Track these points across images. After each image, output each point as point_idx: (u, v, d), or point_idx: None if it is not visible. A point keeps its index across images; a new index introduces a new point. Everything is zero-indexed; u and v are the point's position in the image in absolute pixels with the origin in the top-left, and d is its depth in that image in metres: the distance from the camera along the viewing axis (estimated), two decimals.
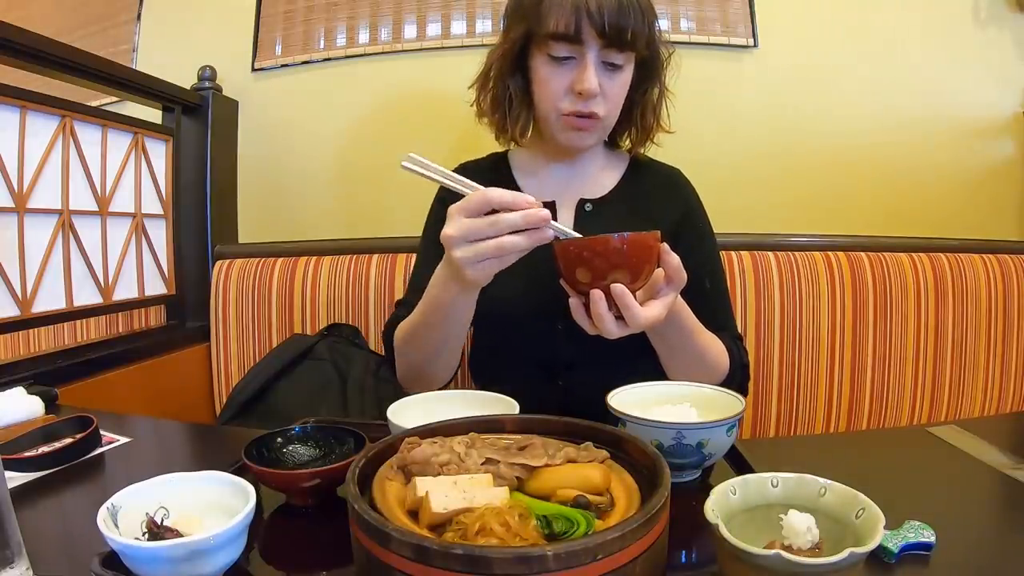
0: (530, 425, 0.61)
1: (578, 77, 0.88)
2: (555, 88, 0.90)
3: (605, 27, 0.84)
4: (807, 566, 0.41)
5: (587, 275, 0.68)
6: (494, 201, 0.67)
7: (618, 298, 0.67)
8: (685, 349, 0.85)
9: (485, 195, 0.68)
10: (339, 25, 1.65)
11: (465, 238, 0.68)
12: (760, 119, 1.55)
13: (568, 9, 0.84)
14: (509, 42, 0.94)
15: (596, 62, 0.88)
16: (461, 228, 0.68)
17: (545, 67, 0.90)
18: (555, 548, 0.38)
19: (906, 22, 1.51)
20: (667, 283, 0.72)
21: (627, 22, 0.85)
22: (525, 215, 0.66)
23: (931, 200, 1.54)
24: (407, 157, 0.71)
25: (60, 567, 0.53)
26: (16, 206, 1.13)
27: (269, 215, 1.72)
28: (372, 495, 0.49)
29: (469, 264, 0.69)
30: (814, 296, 1.36)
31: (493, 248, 0.67)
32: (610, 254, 0.67)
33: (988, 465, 0.71)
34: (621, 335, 0.70)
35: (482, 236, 0.67)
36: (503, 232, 0.67)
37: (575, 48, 0.87)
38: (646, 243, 0.68)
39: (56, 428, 0.81)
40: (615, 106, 0.93)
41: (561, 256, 0.70)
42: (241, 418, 1.21)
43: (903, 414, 1.38)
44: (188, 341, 1.52)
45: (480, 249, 0.68)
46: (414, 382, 0.96)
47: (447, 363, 0.93)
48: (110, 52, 1.71)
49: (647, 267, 0.69)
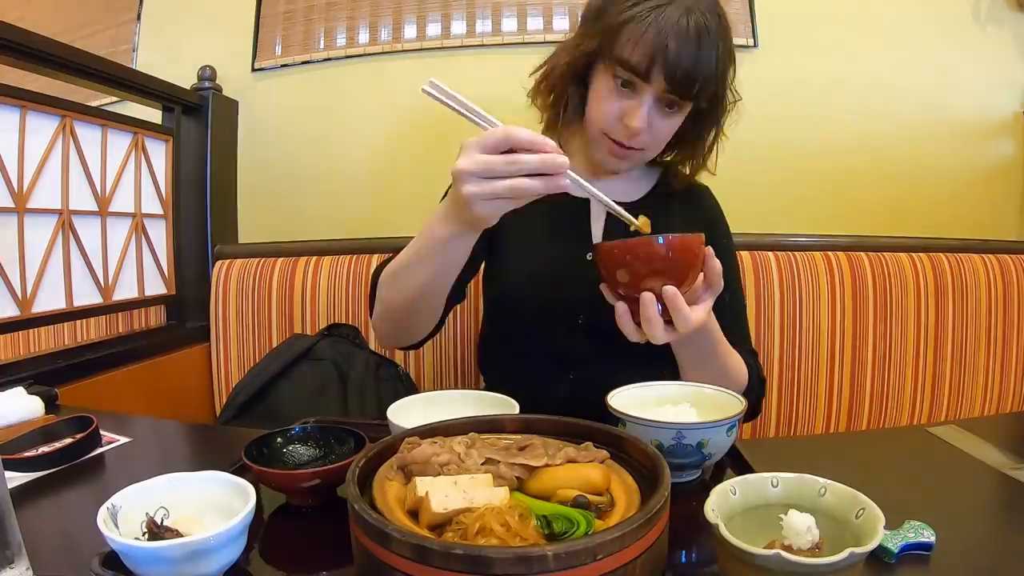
0: (530, 425, 0.61)
1: (630, 111, 0.86)
2: (608, 110, 0.88)
3: (676, 74, 0.82)
4: (807, 566, 0.41)
5: (633, 280, 0.67)
6: (515, 139, 0.63)
7: (670, 301, 0.66)
8: (709, 359, 0.84)
9: (507, 131, 0.63)
10: (339, 25, 1.65)
11: (478, 174, 0.63)
12: (760, 119, 1.54)
13: (648, 45, 0.81)
14: (580, 53, 0.91)
15: (653, 101, 0.86)
16: (476, 163, 0.63)
17: (605, 86, 0.88)
18: (555, 548, 0.38)
19: (906, 22, 1.51)
20: (706, 288, 0.71)
21: (699, 73, 0.82)
22: (543, 159, 0.62)
23: (931, 200, 1.54)
24: (429, 82, 0.66)
25: (60, 567, 0.53)
26: (16, 206, 1.13)
27: (269, 215, 1.72)
28: (372, 495, 0.49)
29: (478, 201, 0.64)
30: (814, 296, 1.36)
31: (507, 189, 0.63)
32: (655, 258, 0.66)
33: (988, 465, 0.71)
34: (668, 340, 0.69)
35: (496, 175, 0.63)
36: (519, 173, 0.63)
37: (639, 83, 0.85)
38: (691, 246, 0.67)
39: (56, 428, 0.81)
40: (658, 144, 0.92)
41: (603, 257, 0.69)
42: (241, 418, 1.21)
43: (903, 414, 1.38)
44: (188, 341, 1.52)
45: (493, 188, 0.63)
46: (390, 330, 0.92)
47: (426, 315, 0.88)
48: (110, 52, 1.71)
49: (692, 272, 0.68)
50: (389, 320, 0.89)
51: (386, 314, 0.89)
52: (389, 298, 0.87)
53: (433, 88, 0.66)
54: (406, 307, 0.85)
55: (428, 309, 0.87)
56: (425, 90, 0.66)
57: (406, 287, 0.82)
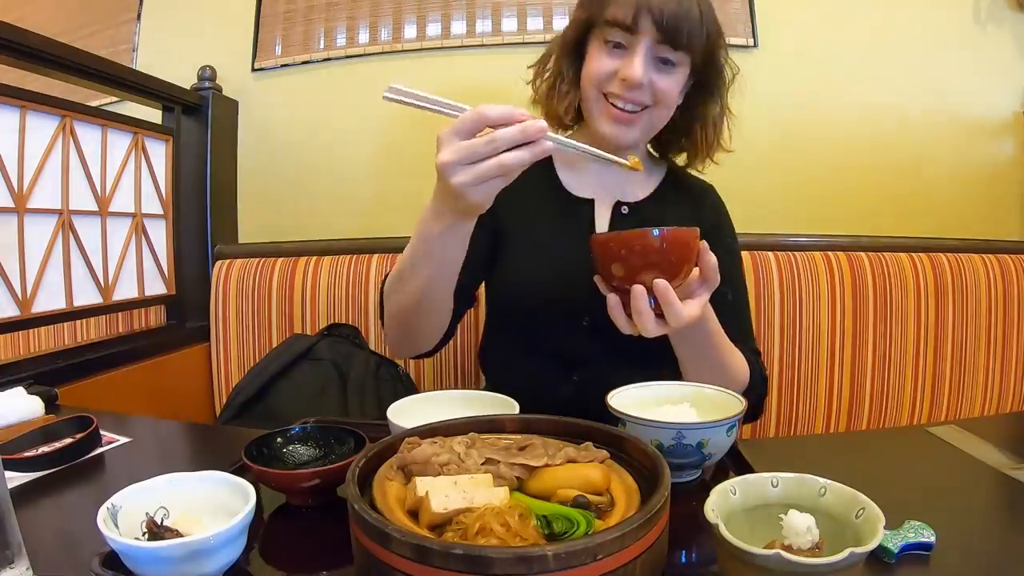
0: (530, 425, 0.61)
1: (625, 64, 0.88)
2: (603, 68, 0.90)
3: (663, 21, 0.85)
4: (807, 566, 0.41)
5: (626, 272, 0.67)
6: (488, 117, 0.62)
7: (661, 294, 0.66)
8: (709, 354, 0.84)
9: (479, 112, 0.63)
10: (339, 25, 1.65)
11: (462, 161, 0.63)
12: (760, 119, 1.55)
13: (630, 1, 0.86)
14: (570, 27, 0.96)
15: (647, 55, 0.88)
16: (458, 151, 0.62)
17: (598, 51, 0.92)
18: (555, 548, 0.38)
19: (906, 22, 1.51)
20: (702, 283, 0.71)
21: (684, 23, 0.86)
22: (523, 128, 0.62)
23: (931, 200, 1.54)
24: (388, 88, 0.65)
25: (60, 567, 0.53)
26: (16, 206, 1.13)
27: (269, 215, 1.72)
28: (372, 495, 0.49)
29: (470, 188, 0.64)
30: (814, 296, 1.36)
31: (495, 167, 0.62)
32: (649, 251, 0.66)
33: (988, 465, 0.71)
34: (659, 333, 0.69)
35: (480, 157, 0.62)
36: (501, 149, 0.62)
37: (630, 37, 0.88)
38: (686, 240, 0.68)
39: (56, 428, 0.81)
40: (663, 105, 0.92)
41: (598, 250, 0.69)
42: (241, 418, 1.21)
43: (903, 414, 1.38)
44: (188, 341, 1.52)
45: (481, 171, 0.62)
46: (401, 336, 0.92)
47: (434, 317, 0.88)
48: (110, 52, 1.71)
49: (686, 265, 0.68)
50: (398, 327, 0.90)
51: (395, 321, 0.89)
52: (395, 304, 0.87)
53: (392, 92, 0.65)
54: (413, 309, 0.85)
55: (435, 310, 0.87)
56: (386, 96, 0.65)
57: (410, 289, 0.82)
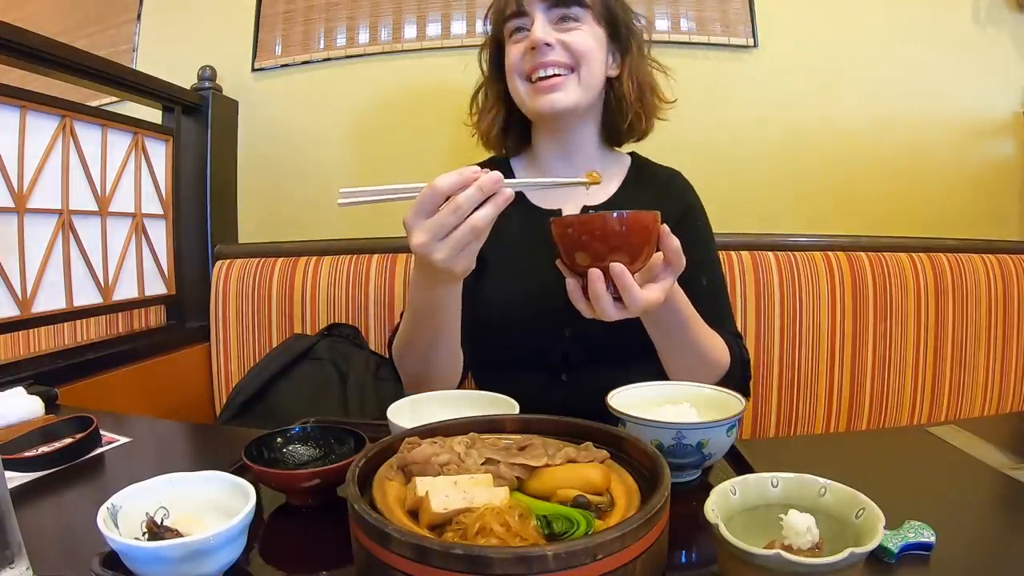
0: (530, 425, 0.61)
1: (529, 37, 0.93)
2: (515, 54, 0.96)
3: None
4: (807, 566, 0.41)
5: (585, 256, 0.67)
6: (443, 188, 0.65)
7: (617, 278, 0.66)
8: (683, 339, 0.84)
9: (433, 187, 0.66)
10: (339, 25, 1.65)
11: (436, 238, 0.66)
12: (760, 119, 1.55)
13: None
14: (483, 49, 1.04)
15: (543, 19, 0.93)
16: (429, 230, 0.66)
17: (510, 47, 0.97)
18: (555, 548, 0.38)
19: (906, 22, 1.51)
20: (666, 267, 0.71)
21: None
22: (478, 186, 0.65)
23: (931, 200, 1.54)
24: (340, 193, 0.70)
25: (60, 567, 0.53)
26: (16, 206, 1.13)
27: (269, 215, 1.72)
28: (372, 495, 0.49)
29: (452, 260, 0.67)
30: (814, 296, 1.36)
31: (468, 233, 0.66)
32: (609, 234, 0.66)
33: (988, 465, 0.71)
34: (619, 318, 0.69)
35: (450, 227, 0.66)
36: (467, 213, 0.65)
37: (525, 19, 0.94)
38: (645, 223, 0.67)
39: (56, 428, 0.81)
40: (586, 60, 0.94)
41: (558, 236, 0.69)
42: (241, 418, 1.21)
43: (903, 414, 1.38)
44: (188, 341, 1.52)
45: (456, 240, 0.66)
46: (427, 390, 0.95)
47: (447, 367, 0.91)
48: (110, 52, 1.71)
49: (646, 248, 0.68)
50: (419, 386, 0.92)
51: (414, 380, 0.94)
52: (410, 365, 0.93)
53: (345, 198, 0.70)
54: (426, 369, 0.90)
55: (447, 360, 0.91)
56: (340, 203, 0.70)
57: (420, 348, 0.88)
